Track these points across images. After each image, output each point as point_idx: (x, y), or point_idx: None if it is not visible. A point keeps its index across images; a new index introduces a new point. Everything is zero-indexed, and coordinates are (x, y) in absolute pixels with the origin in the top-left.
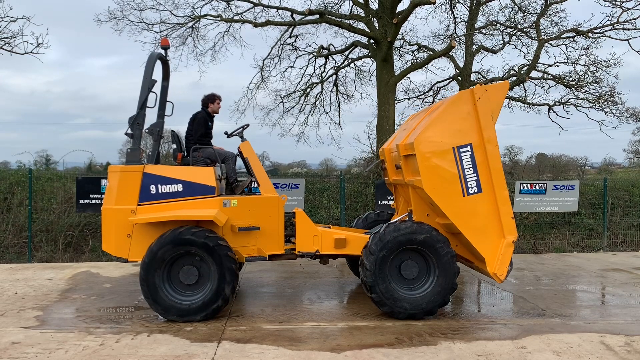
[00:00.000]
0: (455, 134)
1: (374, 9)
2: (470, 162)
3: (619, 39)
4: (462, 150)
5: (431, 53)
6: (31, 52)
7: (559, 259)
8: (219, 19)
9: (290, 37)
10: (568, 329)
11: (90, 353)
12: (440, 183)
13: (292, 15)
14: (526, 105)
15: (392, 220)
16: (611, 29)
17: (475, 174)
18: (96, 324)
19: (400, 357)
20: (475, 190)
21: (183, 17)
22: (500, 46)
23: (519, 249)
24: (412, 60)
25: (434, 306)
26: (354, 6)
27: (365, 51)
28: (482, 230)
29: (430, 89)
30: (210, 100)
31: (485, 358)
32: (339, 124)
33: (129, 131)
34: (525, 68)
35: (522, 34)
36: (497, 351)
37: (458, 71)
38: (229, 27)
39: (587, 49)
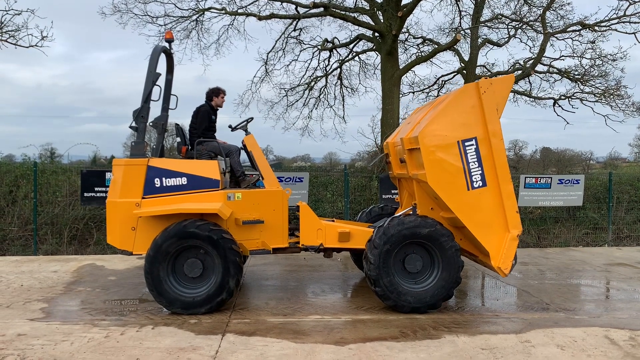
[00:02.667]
0: (459, 128)
1: (379, 1)
2: (475, 156)
3: (626, 33)
4: (466, 144)
5: (436, 46)
6: (36, 45)
7: (564, 253)
8: (223, 12)
9: (294, 30)
10: (572, 323)
11: (96, 345)
12: (444, 177)
13: (296, 8)
14: (531, 99)
15: (396, 214)
16: (618, 22)
17: (480, 168)
18: (101, 316)
19: (404, 351)
20: (480, 184)
21: (187, 10)
22: (506, 39)
23: (523, 243)
24: (417, 54)
25: (438, 300)
26: None
27: (370, 44)
28: (487, 224)
29: (435, 83)
30: (215, 93)
31: (489, 352)
32: (343, 117)
33: (134, 124)
34: (531, 61)
35: (528, 27)
36: (501, 345)
37: (463, 65)
38: (233, 20)
39: (593, 42)
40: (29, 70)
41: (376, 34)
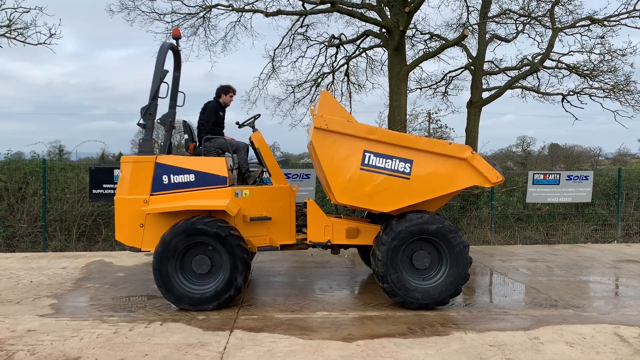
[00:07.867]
0: (347, 162)
1: None
2: (380, 159)
3: (636, 27)
4: (365, 161)
5: (443, 42)
6: (44, 43)
7: (572, 249)
8: (230, 8)
9: (301, 26)
10: (581, 320)
11: (105, 341)
12: (385, 194)
13: (303, 5)
14: (540, 95)
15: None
16: (627, 17)
17: (392, 159)
18: (110, 313)
19: (412, 347)
20: (408, 166)
21: (194, 7)
22: (514, 35)
23: (531, 239)
24: (424, 50)
25: (446, 296)
26: None
27: (377, 40)
28: (449, 175)
29: (442, 79)
30: (224, 91)
31: (497, 348)
32: (351, 114)
33: (141, 121)
34: (539, 57)
35: (536, 23)
36: (510, 342)
37: (471, 60)
38: (240, 16)
39: (602, 37)
40: (40, 68)
41: (383, 30)
